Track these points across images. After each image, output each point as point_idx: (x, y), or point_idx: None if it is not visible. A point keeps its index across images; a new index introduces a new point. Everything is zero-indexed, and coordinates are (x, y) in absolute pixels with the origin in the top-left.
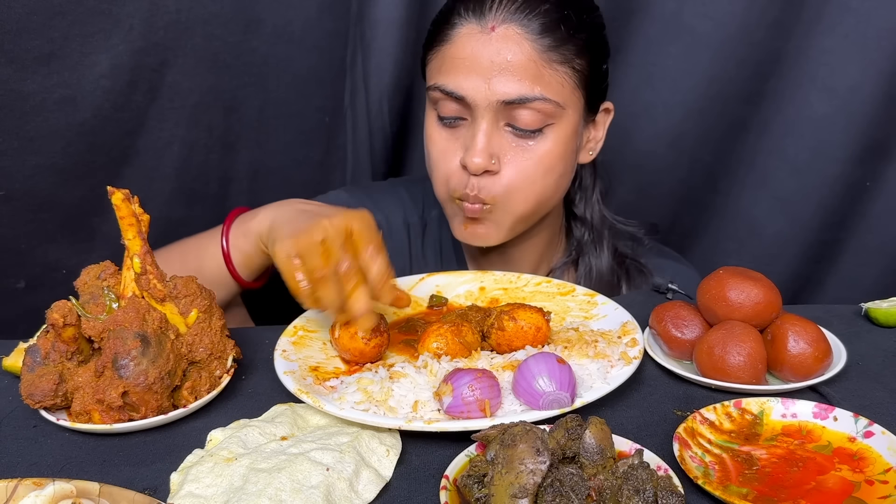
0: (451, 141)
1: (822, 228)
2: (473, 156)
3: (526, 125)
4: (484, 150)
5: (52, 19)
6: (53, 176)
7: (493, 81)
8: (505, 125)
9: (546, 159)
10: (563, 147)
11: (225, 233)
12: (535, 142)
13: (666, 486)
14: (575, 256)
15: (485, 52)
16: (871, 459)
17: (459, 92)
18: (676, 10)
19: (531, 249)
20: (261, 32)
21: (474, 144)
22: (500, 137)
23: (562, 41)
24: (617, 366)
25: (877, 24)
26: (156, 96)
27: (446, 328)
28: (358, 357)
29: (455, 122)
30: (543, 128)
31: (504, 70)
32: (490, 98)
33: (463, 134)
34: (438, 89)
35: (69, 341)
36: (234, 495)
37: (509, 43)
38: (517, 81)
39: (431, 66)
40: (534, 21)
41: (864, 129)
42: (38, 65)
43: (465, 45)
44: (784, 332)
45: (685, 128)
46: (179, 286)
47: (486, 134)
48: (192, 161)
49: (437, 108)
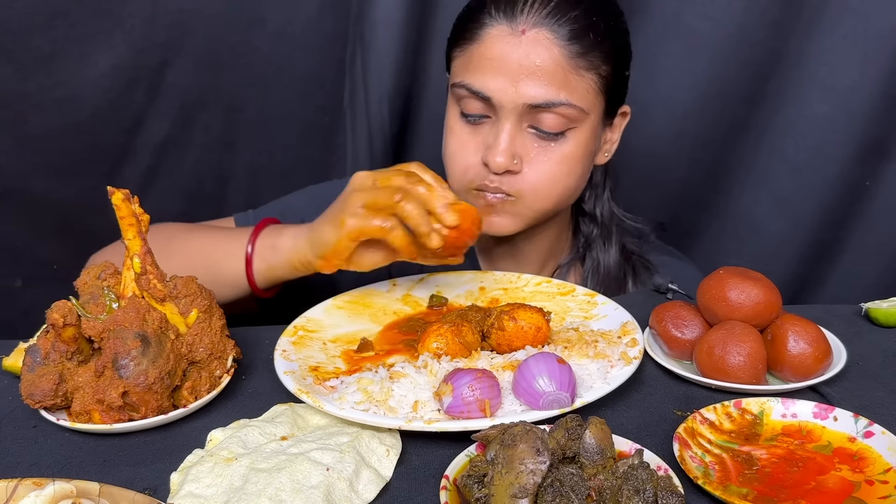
0: (472, 135)
1: (821, 228)
2: (496, 155)
3: (549, 128)
4: (507, 150)
5: (53, 19)
6: (52, 175)
7: (521, 84)
8: (528, 127)
9: (567, 161)
10: (584, 149)
11: (252, 240)
12: (556, 144)
13: (666, 486)
14: (582, 253)
15: (514, 55)
16: (871, 459)
17: (486, 92)
18: (676, 10)
19: (540, 244)
20: (261, 32)
21: (497, 144)
22: (522, 138)
23: (589, 48)
24: (617, 366)
25: (877, 24)
26: (156, 96)
27: (446, 328)
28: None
29: (479, 120)
30: (566, 131)
31: (532, 74)
32: (516, 101)
33: (485, 131)
34: (465, 87)
35: (69, 341)
36: (234, 495)
37: (539, 47)
38: (544, 86)
39: (457, 63)
40: (564, 27)
41: (864, 129)
42: (39, 65)
43: (494, 45)
44: (784, 332)
45: (685, 127)
46: (179, 286)
47: (510, 134)
48: (191, 160)
49: (461, 104)
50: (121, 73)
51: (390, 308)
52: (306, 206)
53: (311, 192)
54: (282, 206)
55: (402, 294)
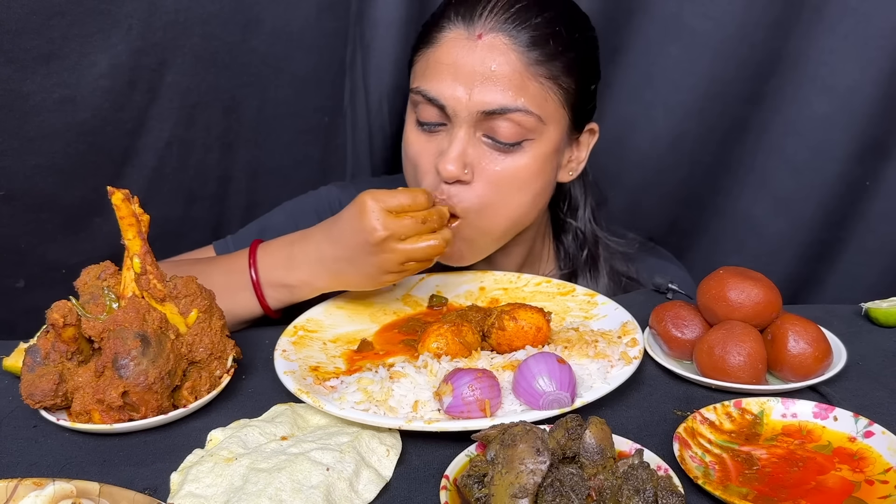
0: (428, 143)
1: (821, 228)
2: (447, 163)
3: (505, 137)
4: (458, 158)
5: (51, 19)
6: (53, 176)
7: (475, 91)
8: (483, 136)
9: (521, 174)
10: (541, 164)
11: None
12: (511, 156)
13: (666, 486)
14: (567, 272)
15: (469, 60)
16: (871, 459)
17: (440, 99)
18: (676, 10)
19: (515, 252)
20: (260, 32)
21: (449, 151)
22: (476, 148)
23: (550, 57)
24: (617, 366)
25: (877, 24)
26: (155, 96)
27: (446, 328)
28: None
29: (434, 128)
30: (522, 142)
31: (487, 79)
32: (470, 108)
33: (441, 139)
34: (420, 94)
35: (69, 341)
36: (234, 495)
37: (495, 52)
38: (499, 91)
39: (416, 68)
40: (523, 33)
41: (864, 129)
42: (38, 65)
43: (450, 50)
44: (784, 332)
45: (685, 128)
46: (179, 286)
47: (462, 142)
48: (191, 161)
49: (417, 111)
50: (120, 73)
51: (390, 308)
52: (284, 224)
53: (287, 209)
54: (260, 226)
55: (401, 294)
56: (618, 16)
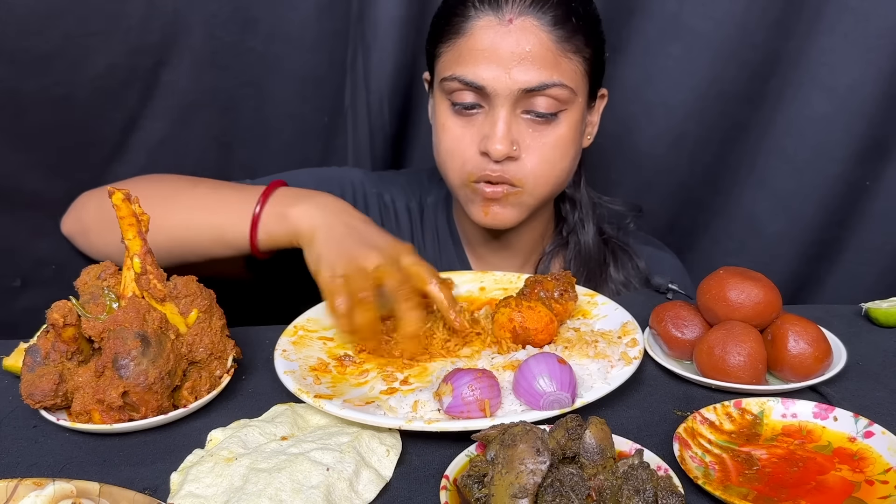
0: (466, 128)
1: (822, 228)
2: (496, 143)
3: (545, 109)
4: (505, 136)
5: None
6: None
7: (514, 71)
8: (522, 112)
9: (561, 144)
10: (575, 131)
11: (261, 201)
12: (550, 127)
13: (666, 486)
14: (564, 240)
15: (505, 43)
16: (871, 459)
17: (479, 82)
18: (676, 10)
19: (529, 233)
20: (258, 32)
21: (495, 132)
22: (518, 125)
23: (573, 32)
24: (617, 366)
25: (877, 24)
26: (151, 95)
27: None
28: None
29: (472, 111)
30: (558, 113)
31: (524, 60)
32: (511, 87)
33: (479, 122)
34: (457, 80)
35: (69, 341)
36: (234, 495)
37: (527, 34)
38: (537, 70)
39: (445, 59)
40: (547, 13)
41: (864, 129)
42: (36, 64)
43: (483, 36)
44: (784, 332)
45: (685, 128)
46: (179, 286)
47: (506, 122)
48: (187, 160)
49: (452, 97)
50: (117, 72)
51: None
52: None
53: (315, 174)
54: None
55: None
56: (618, 16)
